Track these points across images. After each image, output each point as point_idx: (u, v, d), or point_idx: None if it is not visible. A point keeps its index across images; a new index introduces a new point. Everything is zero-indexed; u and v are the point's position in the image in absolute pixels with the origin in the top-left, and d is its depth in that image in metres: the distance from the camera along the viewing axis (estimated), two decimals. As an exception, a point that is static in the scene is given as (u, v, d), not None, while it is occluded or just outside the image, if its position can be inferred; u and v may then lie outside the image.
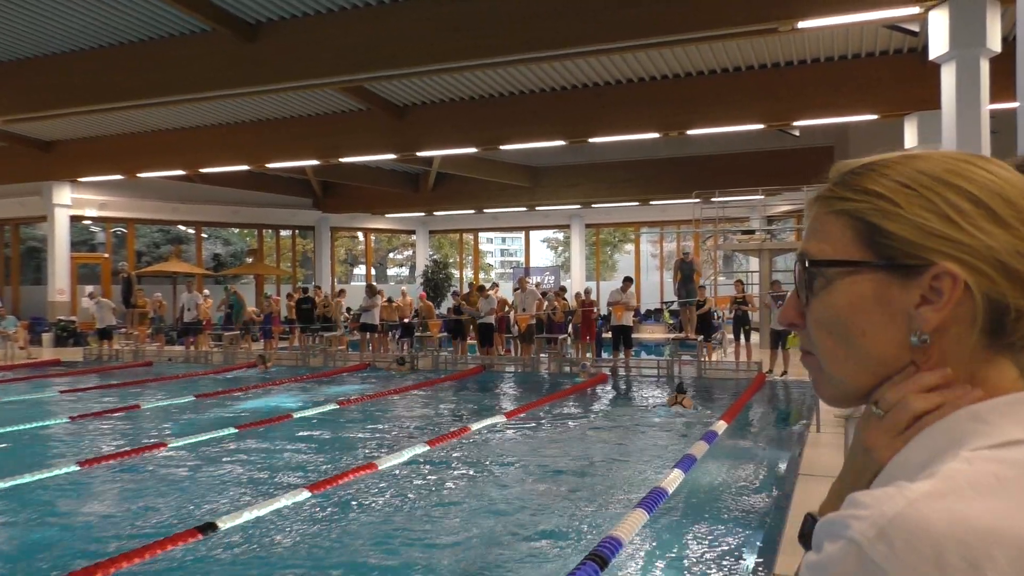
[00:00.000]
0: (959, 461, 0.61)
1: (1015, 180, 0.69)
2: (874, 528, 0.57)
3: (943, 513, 0.56)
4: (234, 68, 12.50)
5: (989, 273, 0.66)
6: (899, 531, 0.56)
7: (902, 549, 0.56)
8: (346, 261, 40.92)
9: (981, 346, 0.68)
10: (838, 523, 0.60)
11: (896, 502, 0.58)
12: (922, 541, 0.56)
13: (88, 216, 24.11)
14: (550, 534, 5.44)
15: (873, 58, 13.51)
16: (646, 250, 32.26)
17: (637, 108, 15.23)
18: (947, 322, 0.68)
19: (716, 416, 9.49)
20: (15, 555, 5.11)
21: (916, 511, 0.57)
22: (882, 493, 0.59)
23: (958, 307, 0.67)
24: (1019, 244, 0.67)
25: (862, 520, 0.58)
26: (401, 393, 12.51)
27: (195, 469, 7.38)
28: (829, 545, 0.60)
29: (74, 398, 12.31)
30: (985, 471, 0.59)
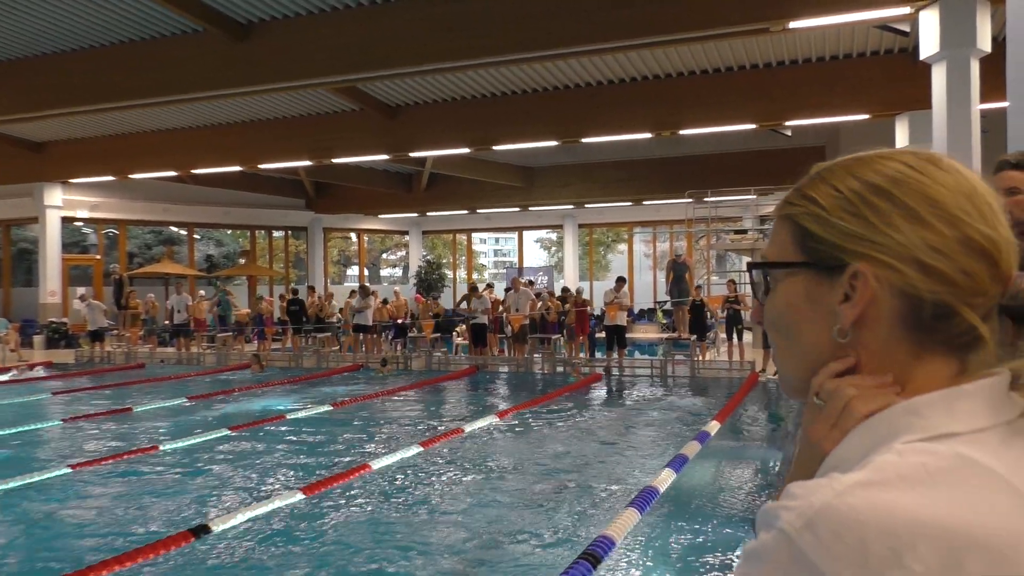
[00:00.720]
0: (891, 453, 0.63)
1: (947, 180, 0.70)
2: (802, 519, 0.59)
3: (868, 503, 0.58)
4: (226, 68, 12.47)
5: (903, 270, 0.69)
6: (825, 521, 0.58)
7: (828, 539, 0.58)
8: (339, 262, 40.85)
9: (911, 342, 0.70)
10: (771, 513, 0.62)
11: (824, 493, 0.60)
12: (847, 530, 0.57)
13: (79, 217, 24.01)
14: (543, 533, 5.44)
15: (864, 58, 13.57)
16: (639, 250, 32.27)
17: (630, 108, 15.25)
18: (867, 318, 0.71)
19: (709, 416, 9.51)
20: (6, 559, 5.09)
21: (842, 501, 0.59)
22: (813, 484, 0.61)
23: (878, 304, 0.70)
24: (936, 240, 0.68)
25: (791, 511, 0.60)
26: (394, 394, 12.50)
27: (188, 471, 7.36)
28: (763, 534, 0.62)
29: (66, 400, 12.26)
30: (915, 463, 0.61)
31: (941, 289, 0.68)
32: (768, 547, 0.61)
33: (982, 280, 0.68)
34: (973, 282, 0.68)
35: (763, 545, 0.62)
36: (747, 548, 0.63)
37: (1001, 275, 0.69)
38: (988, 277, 0.68)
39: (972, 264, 0.68)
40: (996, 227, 0.69)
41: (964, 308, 0.68)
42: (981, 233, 0.68)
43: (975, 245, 0.68)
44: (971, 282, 0.68)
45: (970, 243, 0.68)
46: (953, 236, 0.68)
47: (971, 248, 0.68)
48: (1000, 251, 0.68)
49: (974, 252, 0.68)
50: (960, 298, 0.68)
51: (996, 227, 0.69)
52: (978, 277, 0.68)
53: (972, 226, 0.68)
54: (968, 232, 0.68)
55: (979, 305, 0.68)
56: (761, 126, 15.50)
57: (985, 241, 0.68)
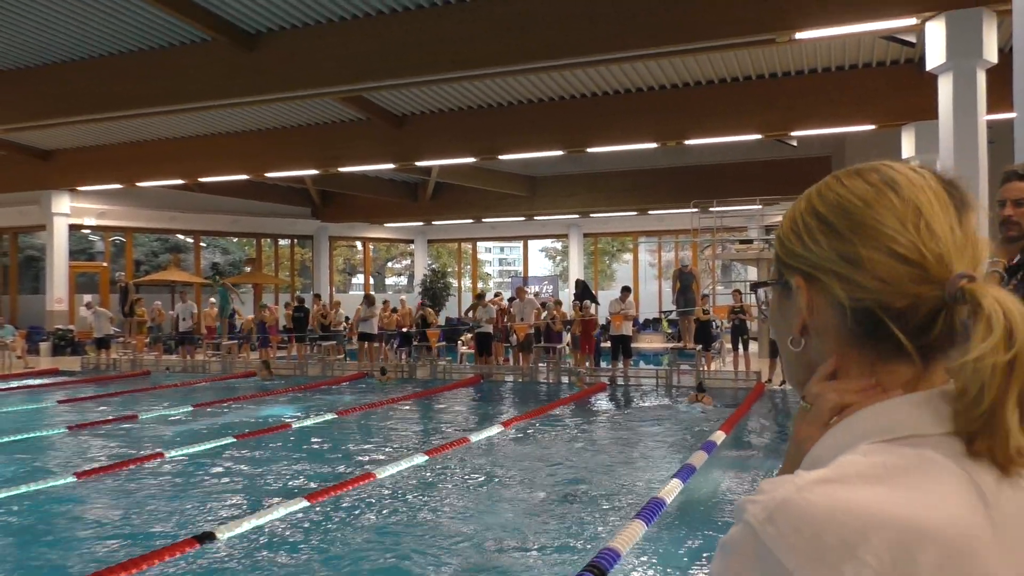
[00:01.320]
0: (856, 453, 0.66)
1: (869, 196, 0.74)
2: (765, 511, 0.63)
3: (825, 498, 0.62)
4: (233, 77, 12.53)
5: (825, 281, 0.75)
6: (784, 514, 0.62)
7: (786, 530, 0.61)
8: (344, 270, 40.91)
9: (865, 348, 0.74)
10: (740, 507, 0.65)
11: (786, 488, 0.63)
12: (804, 523, 0.61)
13: (87, 225, 24.11)
14: (548, 544, 5.42)
15: (870, 68, 13.57)
16: (644, 259, 32.27)
17: (635, 118, 15.27)
18: (816, 328, 0.77)
19: (715, 426, 9.48)
20: (12, 566, 5.09)
21: (801, 496, 0.62)
22: (778, 480, 0.65)
23: (820, 314, 0.76)
24: (849, 251, 0.73)
25: (756, 504, 0.64)
26: (399, 403, 12.49)
27: (193, 479, 7.36)
28: (733, 527, 0.65)
29: (72, 408, 12.28)
30: (875, 462, 0.65)
31: (860, 296, 0.72)
32: (735, 539, 0.64)
33: (902, 285, 0.70)
34: (891, 287, 0.71)
35: (731, 537, 0.65)
36: (721, 540, 0.67)
37: (931, 278, 0.70)
38: (910, 281, 0.70)
39: (888, 271, 0.71)
40: (921, 235, 0.71)
41: (883, 313, 0.71)
42: (897, 242, 0.71)
43: (892, 253, 0.71)
44: (888, 288, 0.71)
45: (886, 251, 0.71)
46: (867, 246, 0.72)
47: (888, 256, 0.71)
48: (924, 257, 0.70)
49: (891, 259, 0.71)
50: (880, 303, 0.71)
51: (921, 235, 0.71)
52: (897, 283, 0.71)
53: (888, 236, 0.71)
54: (884, 242, 0.71)
55: (911, 308, 0.71)
56: (767, 136, 15.51)
57: (903, 249, 0.71)
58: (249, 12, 11.49)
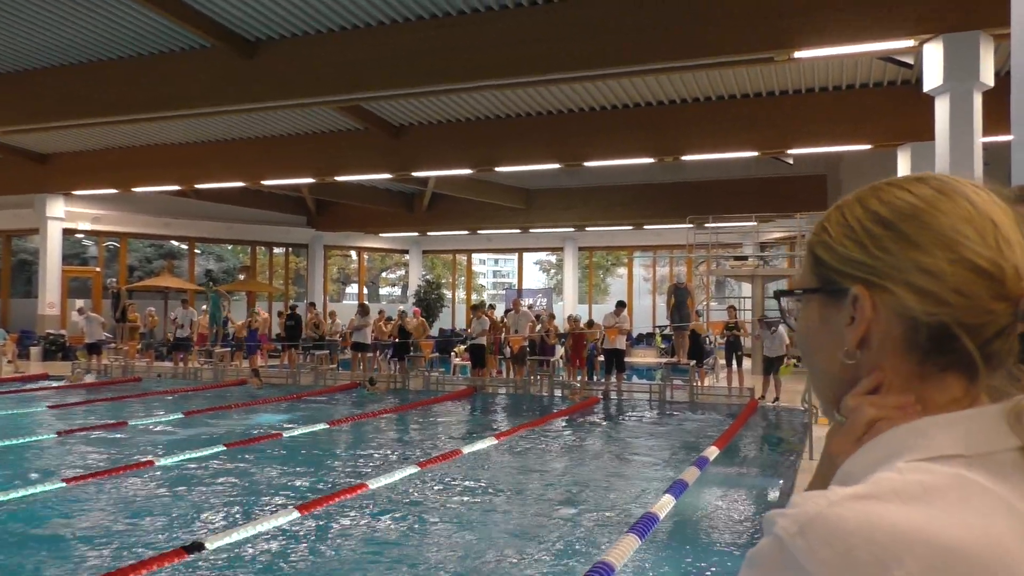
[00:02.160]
0: (892, 470, 0.65)
1: (945, 206, 0.71)
2: (796, 524, 0.61)
3: (859, 514, 0.60)
4: (232, 84, 12.54)
5: (896, 292, 0.71)
6: (816, 528, 0.60)
7: (817, 545, 0.60)
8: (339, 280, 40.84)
9: (918, 363, 0.72)
10: (770, 520, 0.64)
11: (819, 502, 0.62)
12: (836, 538, 0.59)
13: (81, 230, 24.02)
14: (541, 558, 5.39)
15: (868, 89, 13.66)
16: (639, 274, 32.30)
17: (632, 133, 15.33)
18: (872, 340, 0.73)
19: (708, 441, 9.46)
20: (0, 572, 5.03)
21: (833, 511, 0.61)
22: (811, 494, 0.64)
23: (880, 326, 0.72)
24: (928, 262, 0.70)
25: (787, 517, 0.62)
26: (392, 414, 12.43)
27: (183, 487, 7.30)
28: (762, 540, 0.64)
29: (61, 413, 12.19)
30: (913, 480, 0.63)
31: (936, 310, 0.69)
32: (763, 551, 0.63)
33: (981, 300, 0.68)
34: (970, 303, 0.68)
35: (760, 549, 0.64)
36: (749, 553, 0.65)
37: (1007, 294, 0.68)
38: (989, 297, 0.68)
39: (968, 285, 0.68)
40: (1000, 248, 0.69)
41: (959, 329, 0.68)
42: (978, 254, 0.68)
43: (972, 266, 0.68)
44: (967, 303, 0.68)
45: (967, 264, 0.69)
46: (946, 258, 0.69)
47: (968, 269, 0.68)
48: (1003, 271, 0.68)
49: (971, 273, 0.68)
50: (957, 319, 0.68)
51: (1000, 248, 0.69)
52: (976, 297, 0.68)
53: (969, 248, 0.69)
54: (964, 254, 0.69)
55: (984, 325, 0.68)
56: (763, 154, 15.59)
57: (984, 262, 0.68)
58: (249, 19, 11.50)
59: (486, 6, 10.72)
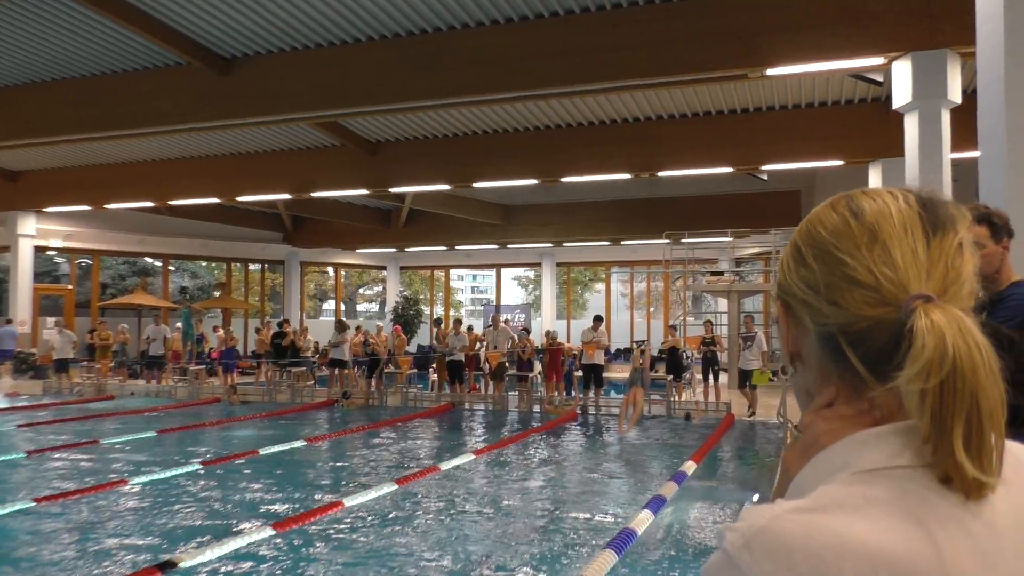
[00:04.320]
0: (836, 483, 0.66)
1: (832, 222, 0.76)
2: (742, 538, 0.63)
3: (800, 527, 0.62)
4: (208, 102, 12.48)
5: (793, 306, 0.78)
6: (760, 542, 0.62)
7: (760, 557, 0.62)
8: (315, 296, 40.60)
9: (849, 375, 0.73)
10: (720, 533, 0.66)
11: (764, 515, 0.64)
12: (778, 551, 0.61)
13: (53, 247, 23.70)
14: (521, 574, 5.36)
15: (839, 106, 13.88)
16: (616, 290, 32.45)
17: (608, 149, 15.44)
18: (803, 355, 0.79)
19: (686, 456, 9.49)
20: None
21: (777, 524, 0.63)
22: (758, 508, 0.66)
23: (804, 341, 0.78)
24: (809, 277, 0.76)
25: (735, 531, 0.64)
26: (370, 430, 12.35)
27: (157, 506, 7.19)
28: (713, 554, 0.66)
29: (31, 432, 11.97)
30: (855, 492, 0.65)
31: (823, 321, 0.74)
32: (714, 566, 0.65)
33: (857, 308, 0.71)
34: (846, 312, 0.72)
35: (711, 564, 0.66)
36: (703, 568, 0.67)
37: (887, 300, 0.70)
38: (865, 304, 0.71)
39: (844, 295, 0.72)
40: (875, 258, 0.71)
41: (843, 339, 0.72)
42: (850, 266, 0.72)
43: (845, 277, 0.72)
44: (843, 312, 0.72)
45: (840, 275, 0.73)
46: (821, 271, 0.74)
47: (842, 280, 0.72)
48: (878, 279, 0.71)
49: (846, 283, 0.72)
50: (840, 328, 0.72)
51: (875, 258, 0.71)
52: (852, 306, 0.71)
53: (843, 260, 0.73)
54: (839, 267, 0.73)
55: (869, 331, 0.71)
56: (738, 170, 15.75)
57: (857, 273, 0.72)
58: (224, 36, 11.47)
59: (462, 23, 10.78)
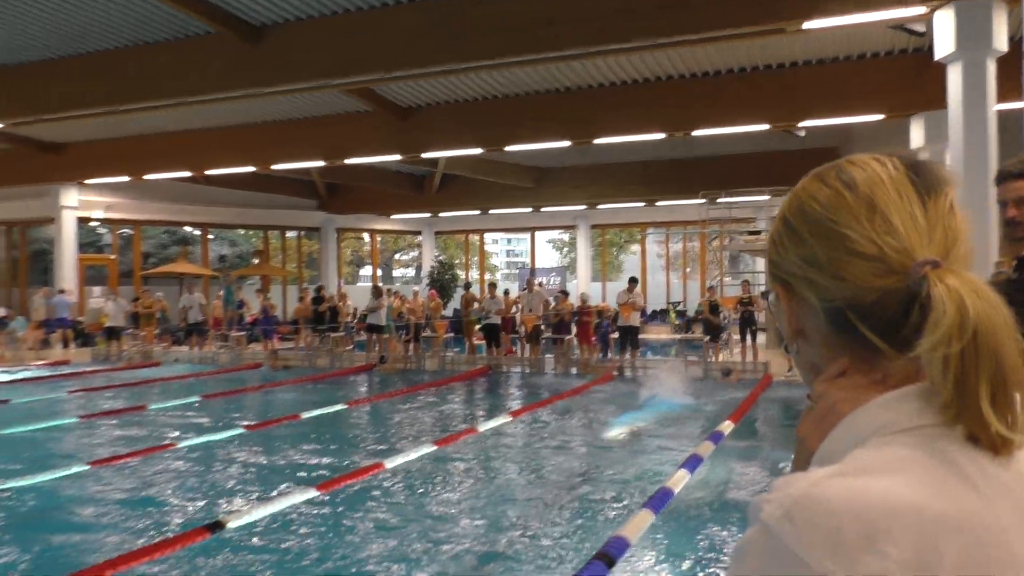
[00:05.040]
0: (867, 447, 0.66)
1: (824, 196, 0.75)
2: (780, 509, 0.61)
3: (841, 491, 0.61)
4: (238, 70, 12.53)
5: (796, 287, 0.77)
6: (801, 510, 0.60)
7: (804, 527, 0.60)
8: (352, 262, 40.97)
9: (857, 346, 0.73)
10: (754, 507, 0.64)
11: (800, 484, 0.62)
12: (821, 518, 0.59)
13: (95, 218, 24.19)
14: (557, 533, 5.45)
15: (879, 59, 13.49)
16: (652, 251, 32.22)
17: (642, 109, 15.23)
18: (806, 331, 0.78)
19: (723, 416, 9.49)
20: (27, 553, 5.14)
21: (817, 490, 0.61)
22: (792, 477, 0.64)
23: (806, 319, 0.77)
24: (809, 254, 0.75)
25: (771, 503, 0.62)
26: (408, 394, 12.54)
27: (203, 469, 7.42)
28: (748, 529, 0.64)
29: (82, 398, 12.37)
30: (889, 454, 0.64)
31: (828, 297, 0.73)
32: (750, 540, 0.63)
33: (864, 280, 0.70)
34: (852, 285, 0.71)
35: (747, 539, 0.64)
36: (736, 545, 0.66)
37: (893, 269, 0.70)
38: (872, 275, 0.70)
39: (847, 268, 0.71)
40: (876, 228, 0.71)
41: (852, 313, 0.72)
42: (851, 239, 0.71)
43: (848, 250, 0.71)
44: (848, 286, 0.71)
45: (842, 249, 0.72)
46: (821, 247, 0.73)
47: (845, 253, 0.72)
48: (882, 249, 0.70)
49: (849, 256, 0.71)
50: (848, 302, 0.72)
51: (876, 228, 0.71)
52: (858, 279, 0.71)
53: (844, 234, 0.72)
54: (841, 241, 0.72)
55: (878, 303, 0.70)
56: (774, 127, 15.45)
57: (859, 245, 0.71)
58: (253, 4, 11.47)
59: (492, -16, 10.65)
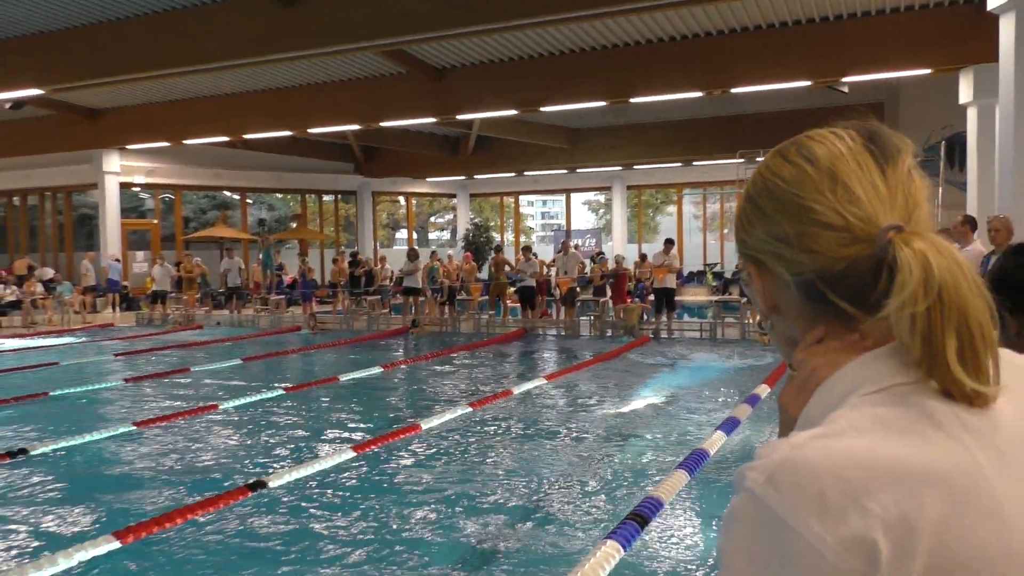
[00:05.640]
0: (846, 407, 0.66)
1: (787, 172, 0.76)
2: (764, 474, 0.62)
3: (822, 452, 0.61)
4: (274, 34, 12.53)
5: (767, 263, 0.77)
6: (784, 474, 0.61)
7: (788, 490, 0.60)
8: (388, 225, 41.17)
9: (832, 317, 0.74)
10: (739, 475, 0.65)
11: (782, 449, 0.63)
12: (805, 480, 0.60)
13: (136, 183, 24.58)
14: (591, 493, 5.49)
15: (927, 9, 13.01)
16: (688, 211, 31.82)
17: (680, 66, 14.92)
18: (781, 306, 0.79)
19: (760, 378, 9.42)
20: (76, 510, 5.32)
21: (798, 453, 0.62)
22: (774, 443, 0.65)
23: (779, 294, 0.78)
24: (777, 230, 0.75)
25: (755, 470, 0.63)
26: (443, 356, 12.64)
27: (245, 429, 7.59)
28: (735, 497, 0.65)
29: (128, 361, 12.68)
30: (867, 412, 0.65)
31: (799, 271, 0.74)
32: (737, 508, 0.64)
33: (831, 249, 0.71)
34: (820, 257, 0.72)
35: (734, 507, 0.64)
36: (724, 514, 0.66)
37: (860, 237, 0.70)
38: (839, 245, 0.71)
39: (814, 241, 0.72)
40: (839, 199, 0.71)
41: (822, 284, 0.73)
42: (817, 212, 0.72)
43: (814, 222, 0.72)
44: (817, 258, 0.72)
45: (809, 222, 0.73)
46: (788, 221, 0.74)
47: (812, 226, 0.72)
48: (847, 219, 0.71)
49: (815, 228, 0.72)
50: (818, 274, 0.73)
51: (839, 199, 0.71)
52: (826, 250, 0.72)
53: (809, 207, 0.73)
54: (807, 215, 0.73)
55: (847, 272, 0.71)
56: (817, 83, 15.05)
57: (824, 216, 0.72)
58: (288, -34, 11.42)
59: (526, -60, 10.45)
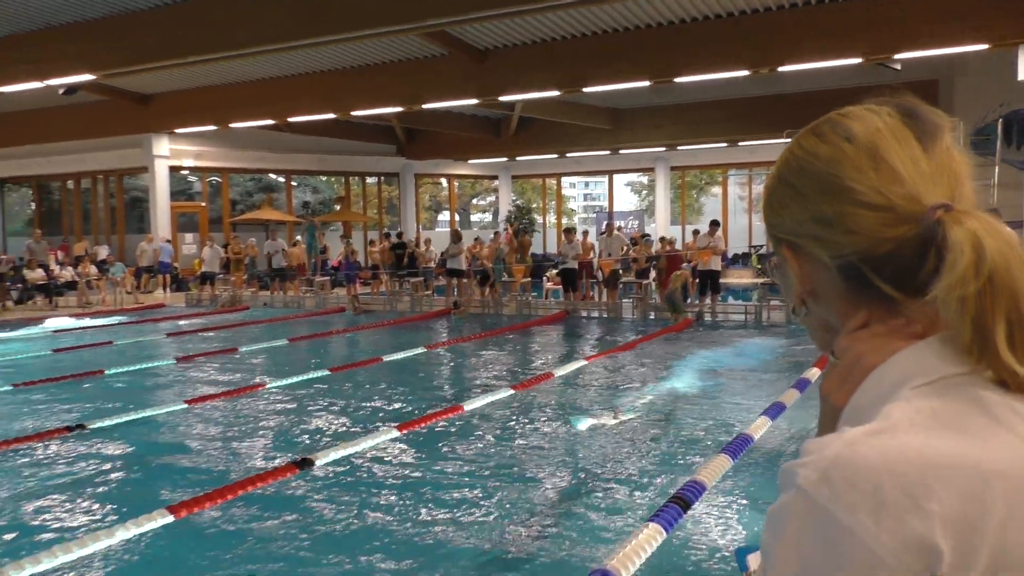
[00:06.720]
0: (899, 400, 0.64)
1: (823, 152, 0.73)
2: (816, 472, 0.60)
3: (878, 449, 0.59)
4: (317, 16, 12.60)
5: (806, 246, 0.75)
6: (838, 471, 0.59)
7: (843, 488, 0.58)
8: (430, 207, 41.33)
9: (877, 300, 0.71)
10: (789, 472, 0.62)
11: (835, 445, 0.60)
12: (860, 478, 0.58)
13: (185, 167, 25.05)
14: (633, 476, 5.49)
15: (985, -18, 12.57)
16: (734, 193, 31.36)
17: (726, 45, 14.64)
18: (818, 291, 0.76)
19: (809, 363, 9.29)
20: (129, 485, 5.49)
21: (853, 451, 0.59)
22: (825, 439, 0.62)
23: (818, 279, 0.75)
24: (812, 210, 0.73)
25: (806, 466, 0.61)
26: (486, 338, 12.69)
27: (292, 408, 7.73)
28: (783, 494, 0.62)
29: (179, 341, 12.98)
30: (922, 407, 0.62)
31: (839, 253, 0.71)
32: (787, 506, 0.62)
33: (874, 232, 0.69)
34: (863, 238, 0.69)
35: (783, 505, 0.62)
36: (769, 511, 0.64)
37: (904, 217, 0.68)
38: (882, 226, 0.68)
39: (856, 221, 0.69)
40: (881, 178, 0.69)
41: (865, 266, 0.70)
42: (859, 191, 0.69)
43: (855, 203, 0.69)
44: (859, 239, 0.69)
45: (850, 202, 0.70)
46: (828, 202, 0.71)
47: (853, 206, 0.70)
48: (889, 199, 0.68)
49: (857, 208, 0.69)
50: (860, 256, 0.70)
51: (881, 178, 0.69)
52: (868, 231, 0.69)
53: (849, 187, 0.70)
54: (848, 195, 0.70)
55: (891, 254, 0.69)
56: (868, 60, 14.66)
57: (865, 196, 0.69)
58: (332, -52, 11.46)
59: (569, -82, 10.32)
